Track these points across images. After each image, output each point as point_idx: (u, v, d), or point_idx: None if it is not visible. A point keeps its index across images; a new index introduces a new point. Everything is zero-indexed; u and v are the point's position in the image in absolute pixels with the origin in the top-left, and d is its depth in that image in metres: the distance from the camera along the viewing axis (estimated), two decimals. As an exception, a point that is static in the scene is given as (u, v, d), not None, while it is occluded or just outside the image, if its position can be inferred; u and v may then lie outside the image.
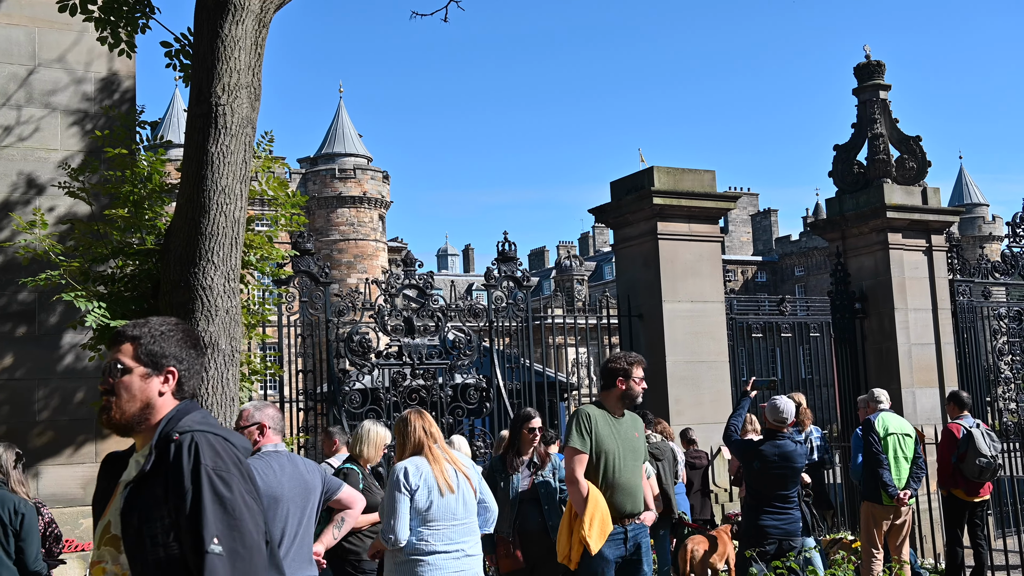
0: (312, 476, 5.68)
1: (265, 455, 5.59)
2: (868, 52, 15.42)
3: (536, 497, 8.26)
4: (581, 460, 6.86)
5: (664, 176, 13.04)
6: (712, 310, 13.20)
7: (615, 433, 7.00)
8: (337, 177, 67.03)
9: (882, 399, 10.97)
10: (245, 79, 6.84)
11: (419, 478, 6.28)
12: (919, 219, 14.60)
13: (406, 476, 6.26)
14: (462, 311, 12.78)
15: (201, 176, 6.67)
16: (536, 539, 8.15)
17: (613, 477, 6.92)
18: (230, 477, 3.08)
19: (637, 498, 7.05)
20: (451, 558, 6.33)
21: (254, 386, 8.38)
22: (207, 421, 3.20)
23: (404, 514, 6.22)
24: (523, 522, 8.23)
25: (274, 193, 8.37)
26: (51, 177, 9.09)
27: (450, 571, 6.31)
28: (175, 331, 3.34)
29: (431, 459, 6.36)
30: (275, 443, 5.70)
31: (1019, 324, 15.49)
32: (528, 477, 8.35)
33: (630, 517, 6.99)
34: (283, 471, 5.54)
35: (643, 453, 7.26)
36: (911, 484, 10.46)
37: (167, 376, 3.25)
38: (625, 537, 6.95)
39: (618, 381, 7.05)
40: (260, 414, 5.80)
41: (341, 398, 11.76)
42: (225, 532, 3.00)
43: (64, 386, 9.08)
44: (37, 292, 8.78)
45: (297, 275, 11.95)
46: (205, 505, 3.00)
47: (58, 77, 9.34)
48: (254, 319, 8.46)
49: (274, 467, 5.52)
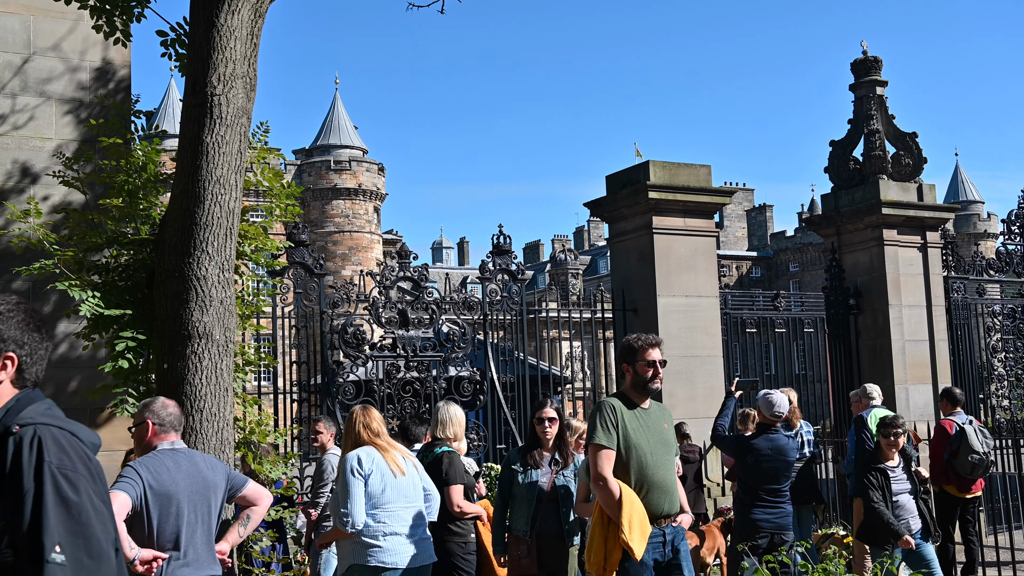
0: (213, 473, 5.61)
1: (159, 453, 5.52)
2: (865, 48, 15.42)
3: (556, 498, 7.55)
4: (608, 457, 6.10)
5: (660, 171, 13.04)
6: (706, 305, 13.20)
7: (643, 425, 6.26)
8: (332, 169, 66.98)
9: (874, 395, 11.00)
10: (241, 69, 6.83)
11: (371, 463, 6.47)
12: (914, 216, 14.62)
13: (359, 462, 6.45)
14: (457, 304, 12.77)
15: (196, 166, 6.66)
16: (552, 544, 7.54)
17: (646, 474, 6.18)
18: (77, 477, 2.77)
19: (674, 496, 6.32)
20: (407, 540, 6.47)
21: (248, 377, 8.36)
22: (52, 413, 2.91)
23: (359, 498, 6.39)
24: (540, 525, 7.54)
25: (269, 184, 8.35)
26: (46, 166, 9.06)
27: (407, 554, 6.44)
28: (15, 312, 2.98)
29: (379, 448, 6.59)
30: (171, 440, 5.60)
31: (1013, 321, 15.52)
32: (548, 475, 7.62)
33: (666, 518, 6.25)
34: (179, 469, 5.46)
35: (674, 445, 6.55)
36: None
37: (5, 362, 2.93)
38: (664, 540, 6.22)
39: (624, 368, 6.38)
40: (145, 411, 5.68)
41: (335, 390, 11.76)
42: (69, 539, 2.70)
43: (58, 375, 9.07)
44: (31, 281, 8.76)
45: (292, 266, 11.94)
46: (47, 508, 2.70)
47: (53, 66, 9.31)
48: (248, 310, 8.45)
49: (168, 465, 5.44)
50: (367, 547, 6.41)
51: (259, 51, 7.10)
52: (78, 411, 9.10)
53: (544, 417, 7.70)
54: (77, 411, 9.09)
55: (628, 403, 6.28)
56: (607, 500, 6.01)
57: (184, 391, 6.51)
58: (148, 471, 5.38)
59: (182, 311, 6.57)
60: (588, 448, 6.23)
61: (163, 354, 6.66)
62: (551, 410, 7.74)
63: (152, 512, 5.32)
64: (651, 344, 6.30)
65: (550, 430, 7.65)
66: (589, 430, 6.25)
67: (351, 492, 6.38)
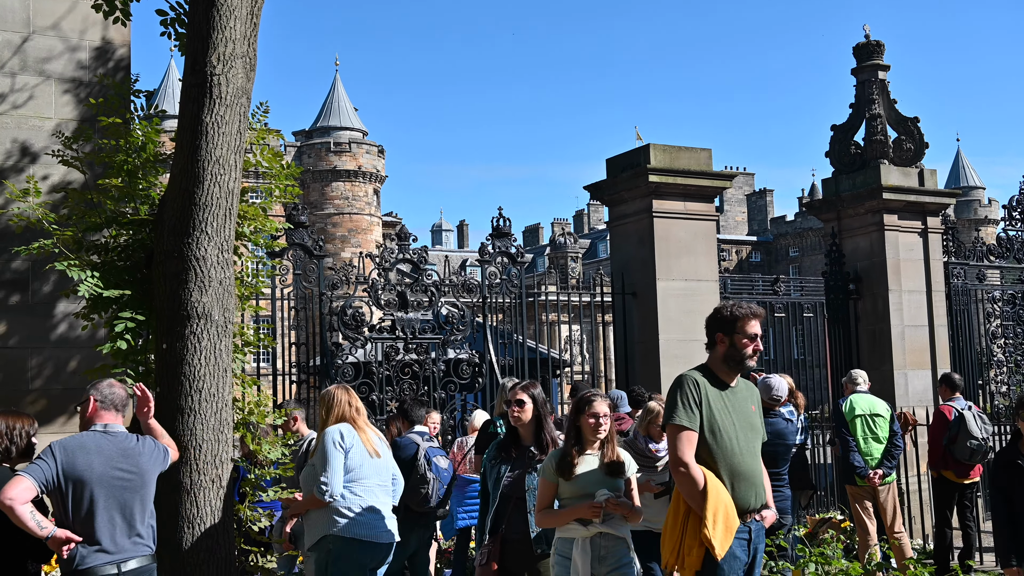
0: (144, 459, 5.60)
1: (83, 435, 5.52)
2: (868, 32, 15.37)
3: (523, 496, 6.49)
4: (690, 440, 5.40)
5: (660, 154, 13.00)
6: (706, 289, 13.19)
7: (729, 406, 5.56)
8: (332, 150, 66.85)
9: (859, 380, 11.01)
10: (240, 49, 6.80)
11: (352, 438, 6.60)
12: (915, 201, 14.59)
13: (341, 436, 6.57)
14: (456, 286, 12.77)
15: (195, 146, 6.64)
16: (516, 551, 6.46)
17: (732, 462, 5.48)
18: None
19: (760, 489, 5.63)
20: (381, 517, 6.57)
21: (247, 358, 8.35)
22: None
23: (339, 470, 6.49)
24: (506, 528, 6.50)
25: (268, 164, 8.33)
26: (45, 145, 9.03)
27: (381, 529, 6.53)
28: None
29: (357, 428, 6.69)
30: (105, 422, 5.59)
31: (1013, 307, 15.53)
32: (519, 470, 6.59)
33: (752, 513, 5.56)
34: (99, 452, 5.45)
35: (762, 430, 5.78)
36: (884, 463, 10.52)
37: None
38: (749, 538, 5.53)
39: (718, 338, 5.64)
40: (92, 390, 5.68)
41: (334, 371, 11.76)
42: None
43: (57, 355, 9.06)
44: (30, 261, 8.75)
45: (291, 248, 11.93)
46: None
47: (52, 45, 9.27)
48: (247, 291, 8.43)
49: (88, 447, 5.44)
50: (344, 518, 6.50)
51: (259, 31, 7.07)
52: (78, 390, 9.08)
53: (511, 399, 6.63)
54: (77, 390, 9.08)
55: (713, 379, 5.60)
56: (689, 489, 5.34)
57: (183, 371, 6.51)
58: (64, 453, 5.38)
59: (181, 291, 6.56)
60: (665, 429, 5.58)
61: (162, 334, 6.66)
62: (521, 392, 6.60)
63: (67, 494, 5.34)
64: (754, 315, 5.63)
65: (520, 416, 6.54)
66: (668, 408, 5.54)
67: (331, 462, 6.47)
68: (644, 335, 12.99)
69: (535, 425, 6.58)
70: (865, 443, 10.54)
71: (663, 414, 5.72)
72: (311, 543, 6.65)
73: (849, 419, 10.56)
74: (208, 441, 6.47)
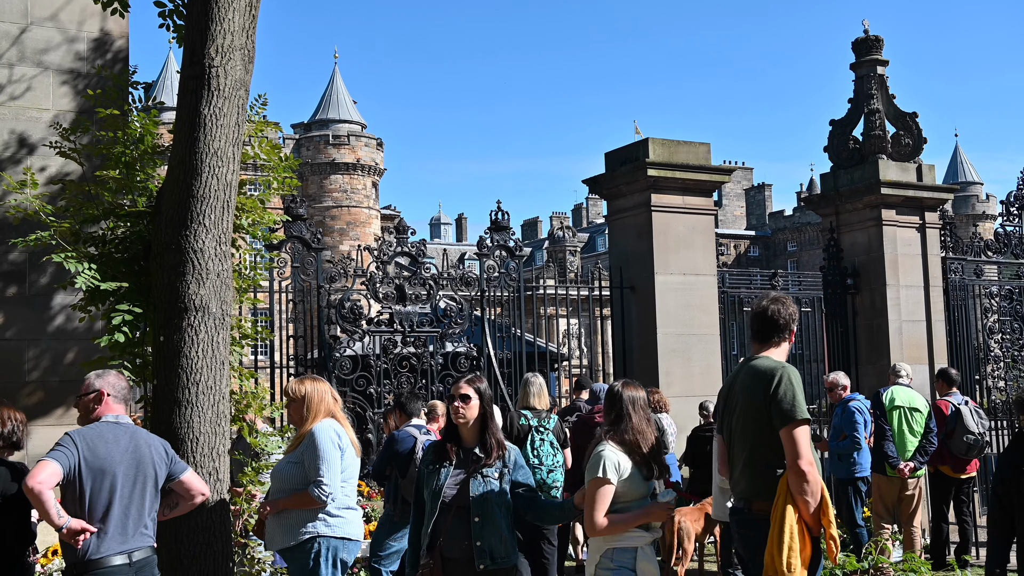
0: (153, 452, 5.60)
1: (100, 425, 5.51)
2: (867, 27, 15.35)
3: (467, 505, 5.54)
4: (809, 435, 5.20)
5: (659, 148, 12.99)
6: (704, 283, 13.19)
7: None
8: (331, 143, 66.75)
9: (902, 373, 11.09)
10: (239, 41, 6.78)
11: (344, 437, 6.37)
12: (913, 196, 14.59)
13: (337, 435, 6.29)
14: (454, 280, 12.76)
15: (193, 138, 6.63)
16: (459, 570, 5.52)
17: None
18: None
19: None
20: (358, 514, 6.51)
21: (244, 350, 8.35)
22: None
23: (339, 470, 6.26)
24: (445, 542, 5.53)
25: (267, 157, 8.32)
26: (42, 137, 9.02)
27: (360, 526, 6.48)
28: None
29: (342, 423, 6.42)
30: (116, 413, 5.59)
31: (1010, 303, 15.54)
32: (460, 475, 5.62)
33: None
34: (117, 443, 5.46)
35: None
36: (916, 457, 10.60)
37: None
38: None
39: (791, 336, 5.52)
40: (100, 381, 5.65)
41: (332, 364, 11.76)
42: None
43: (55, 347, 9.06)
44: (28, 252, 8.74)
45: (289, 240, 11.93)
46: None
47: (50, 36, 9.25)
48: (245, 283, 8.43)
49: (107, 438, 5.44)
50: (335, 519, 6.28)
51: (258, 23, 7.05)
52: (75, 382, 9.09)
53: (455, 394, 5.70)
54: (74, 382, 9.09)
55: None
56: (813, 488, 5.10)
57: (180, 364, 6.51)
58: (85, 442, 5.37)
59: (178, 284, 6.55)
60: (793, 425, 5.16)
61: (159, 327, 6.65)
62: (467, 386, 5.71)
63: (85, 484, 5.32)
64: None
65: (464, 412, 5.66)
66: (790, 402, 5.18)
67: (332, 462, 6.19)
68: (642, 329, 12.99)
69: (480, 424, 5.69)
70: (900, 436, 10.62)
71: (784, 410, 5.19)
72: (292, 542, 6.25)
73: (888, 410, 10.64)
74: (205, 434, 6.47)
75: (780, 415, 5.18)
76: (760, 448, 5.30)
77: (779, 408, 5.18)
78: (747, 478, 5.38)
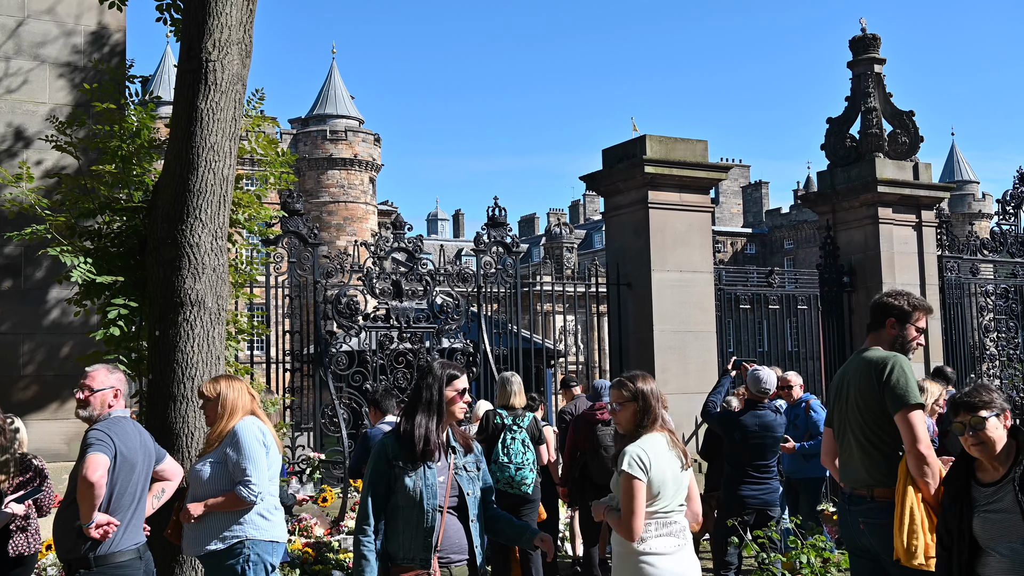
0: (152, 443, 5.72)
1: (122, 420, 5.55)
2: (864, 25, 15.37)
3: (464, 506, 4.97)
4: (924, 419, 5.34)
5: (656, 145, 12.99)
6: (701, 280, 13.20)
7: None
8: (328, 139, 66.64)
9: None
10: (236, 35, 6.78)
11: (267, 435, 5.97)
12: (910, 194, 14.62)
13: (263, 433, 5.89)
14: (451, 276, 12.75)
15: (190, 132, 6.62)
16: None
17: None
18: None
19: None
20: (282, 515, 6.10)
21: (240, 345, 8.34)
22: None
23: (265, 468, 5.86)
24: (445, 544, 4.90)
25: (264, 151, 8.31)
26: (39, 130, 9.01)
27: (284, 528, 6.08)
28: None
29: (263, 420, 6.04)
30: (123, 408, 5.64)
31: (1006, 301, 15.56)
32: (446, 472, 4.96)
33: None
34: (139, 436, 5.57)
35: None
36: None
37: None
38: None
39: (889, 323, 5.59)
40: (113, 377, 5.65)
41: (328, 360, 11.75)
42: None
43: (50, 341, 9.06)
44: (23, 246, 8.73)
45: (286, 235, 11.91)
46: None
47: (47, 29, 9.24)
48: (241, 278, 8.42)
49: (130, 433, 5.50)
50: (264, 520, 5.86)
51: (255, 17, 7.05)
52: (70, 377, 9.09)
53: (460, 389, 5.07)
54: (69, 377, 9.08)
55: None
56: (933, 469, 5.19)
57: (176, 358, 6.50)
58: (117, 437, 5.40)
59: (174, 278, 6.55)
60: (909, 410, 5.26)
61: (155, 321, 6.64)
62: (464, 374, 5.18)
63: (116, 478, 5.35)
64: (928, 311, 5.71)
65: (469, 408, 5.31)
66: (904, 388, 5.29)
67: (258, 460, 5.75)
68: (639, 326, 13.00)
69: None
70: None
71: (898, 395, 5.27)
72: (219, 547, 5.75)
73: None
74: (200, 429, 6.46)
75: (894, 400, 5.32)
76: (875, 436, 5.44)
77: (893, 393, 5.32)
78: (864, 466, 5.49)
